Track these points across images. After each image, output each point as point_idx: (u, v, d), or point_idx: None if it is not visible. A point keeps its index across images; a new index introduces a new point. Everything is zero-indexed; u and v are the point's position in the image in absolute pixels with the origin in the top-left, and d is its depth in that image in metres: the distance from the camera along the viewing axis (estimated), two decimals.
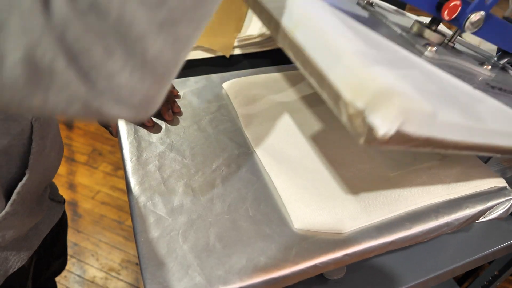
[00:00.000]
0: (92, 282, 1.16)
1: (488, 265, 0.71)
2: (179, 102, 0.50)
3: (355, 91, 0.26)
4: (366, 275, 0.45)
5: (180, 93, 0.52)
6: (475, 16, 0.36)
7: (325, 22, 0.30)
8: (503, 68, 0.50)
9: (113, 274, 1.18)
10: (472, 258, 0.47)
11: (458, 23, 0.37)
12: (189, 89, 0.53)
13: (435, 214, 0.38)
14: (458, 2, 0.36)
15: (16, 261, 0.39)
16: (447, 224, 0.37)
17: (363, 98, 0.25)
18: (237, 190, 0.39)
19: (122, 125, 0.46)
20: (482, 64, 0.45)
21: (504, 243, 0.49)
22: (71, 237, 1.26)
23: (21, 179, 0.35)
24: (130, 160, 0.41)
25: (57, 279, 1.16)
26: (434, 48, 0.38)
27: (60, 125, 1.66)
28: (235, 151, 0.44)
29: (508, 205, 0.42)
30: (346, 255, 0.33)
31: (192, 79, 0.55)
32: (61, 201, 0.51)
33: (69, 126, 1.69)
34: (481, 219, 0.40)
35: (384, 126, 0.24)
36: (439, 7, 0.36)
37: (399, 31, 0.41)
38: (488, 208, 0.40)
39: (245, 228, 0.35)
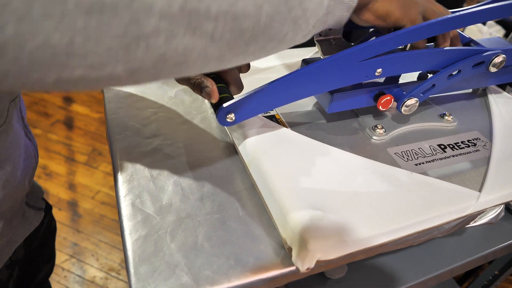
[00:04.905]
0: (92, 282, 1.16)
1: (488, 265, 0.70)
2: (171, 100, 0.50)
3: (284, 231, 0.32)
4: (367, 274, 0.44)
5: (172, 92, 0.51)
6: (410, 101, 0.41)
7: (269, 165, 0.36)
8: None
9: (113, 274, 1.18)
10: (472, 257, 0.47)
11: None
12: (182, 88, 0.52)
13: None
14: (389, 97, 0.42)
15: None
16: (437, 228, 0.36)
17: (288, 240, 0.32)
18: (227, 190, 0.38)
19: (112, 120, 0.45)
20: (442, 116, 0.46)
21: (504, 242, 0.48)
22: (71, 237, 1.26)
23: None
24: (119, 157, 0.41)
25: (57, 279, 1.17)
26: (382, 130, 0.42)
27: (61, 125, 1.67)
28: (226, 150, 0.43)
29: (499, 210, 0.41)
30: (328, 260, 0.32)
31: None
32: (41, 207, 0.49)
33: (69, 126, 1.69)
34: (472, 224, 0.39)
35: (303, 267, 0.31)
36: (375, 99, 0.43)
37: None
38: (478, 213, 0.39)
39: (234, 228, 0.34)
